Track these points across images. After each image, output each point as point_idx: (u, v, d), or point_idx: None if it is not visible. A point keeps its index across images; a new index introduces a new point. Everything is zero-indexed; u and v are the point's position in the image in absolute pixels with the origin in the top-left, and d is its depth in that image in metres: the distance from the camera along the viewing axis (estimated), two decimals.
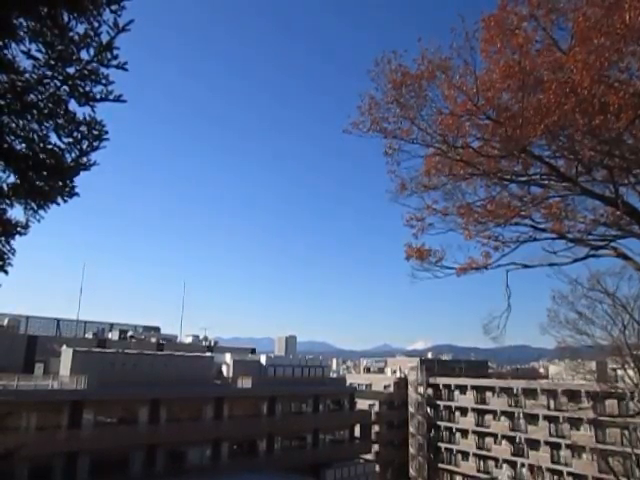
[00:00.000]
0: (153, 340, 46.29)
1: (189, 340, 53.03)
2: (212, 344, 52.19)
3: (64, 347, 34.98)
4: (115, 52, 5.19)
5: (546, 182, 12.34)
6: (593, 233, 13.01)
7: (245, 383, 41.52)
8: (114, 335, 45.69)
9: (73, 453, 31.09)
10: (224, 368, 43.13)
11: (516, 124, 9.93)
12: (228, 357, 43.89)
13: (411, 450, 70.56)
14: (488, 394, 64.57)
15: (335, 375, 69.04)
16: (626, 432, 46.14)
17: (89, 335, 44.38)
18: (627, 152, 11.04)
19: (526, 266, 13.24)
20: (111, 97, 5.42)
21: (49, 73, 5.05)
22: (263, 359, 45.87)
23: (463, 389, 67.59)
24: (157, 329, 54.34)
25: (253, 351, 54.66)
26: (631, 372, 38.30)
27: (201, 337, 54.27)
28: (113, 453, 32.94)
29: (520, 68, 9.96)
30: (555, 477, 55.08)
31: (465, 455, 65.58)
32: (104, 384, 32.82)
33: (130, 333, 47.64)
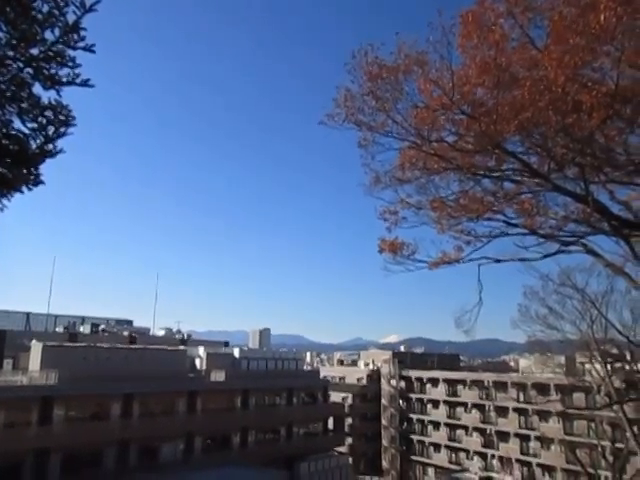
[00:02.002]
0: (125, 334, 45.63)
1: (162, 333, 52.48)
2: (185, 337, 51.71)
3: (34, 342, 34.21)
4: (82, 33, 4.95)
5: (519, 178, 12.41)
6: (564, 229, 13.18)
7: (218, 376, 41.27)
8: (85, 329, 44.90)
9: (44, 450, 30.46)
10: (197, 361, 42.76)
11: (490, 120, 9.95)
12: (201, 350, 43.53)
13: (384, 442, 71.16)
14: (459, 387, 65.52)
15: (309, 368, 69.20)
16: (593, 424, 47.36)
17: (60, 329, 43.53)
18: (598, 151, 11.22)
19: (498, 261, 13.37)
20: (78, 81, 5.19)
21: (11, 54, 4.80)
22: (236, 352, 45.63)
23: (435, 382, 68.36)
24: (130, 322, 53.63)
25: (226, 344, 54.28)
26: (598, 366, 39.39)
27: (174, 330, 53.75)
28: (85, 449, 32.39)
29: (496, 64, 9.98)
30: (524, 468, 56.16)
31: (437, 447, 66.36)
32: (75, 379, 32.20)
33: (102, 327, 46.90)
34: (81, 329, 44.76)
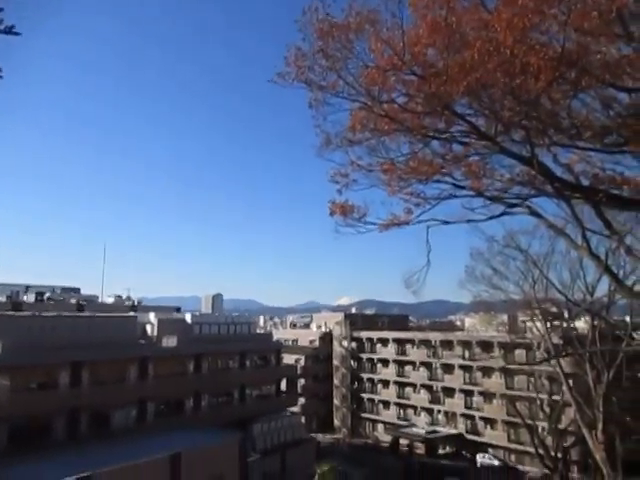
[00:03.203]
0: (73, 301, 44.41)
1: (111, 301, 51.36)
2: (135, 304, 50.82)
3: None
4: None
5: (467, 140, 12.43)
6: (509, 192, 13.39)
7: (170, 342, 40.86)
8: (30, 298, 43.38)
9: None
10: (148, 328, 42.17)
11: (440, 81, 9.87)
12: (152, 316, 42.90)
13: (335, 401, 73.08)
14: (408, 346, 67.65)
15: (262, 332, 69.62)
16: (532, 379, 49.97)
17: (2, 298, 41.90)
18: (544, 114, 11.32)
19: (446, 222, 13.59)
20: (1, 28, 4.75)
21: None
22: (188, 317, 45.28)
23: (385, 342, 70.30)
24: (77, 290, 52.19)
25: (178, 310, 53.80)
26: (539, 324, 41.48)
27: (124, 297, 52.70)
28: (34, 420, 31.64)
29: (446, 24, 9.84)
30: (468, 421, 58.93)
31: (386, 404, 68.70)
32: (20, 349, 31.20)
33: (47, 295, 45.43)
34: (25, 298, 43.22)
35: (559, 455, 42.14)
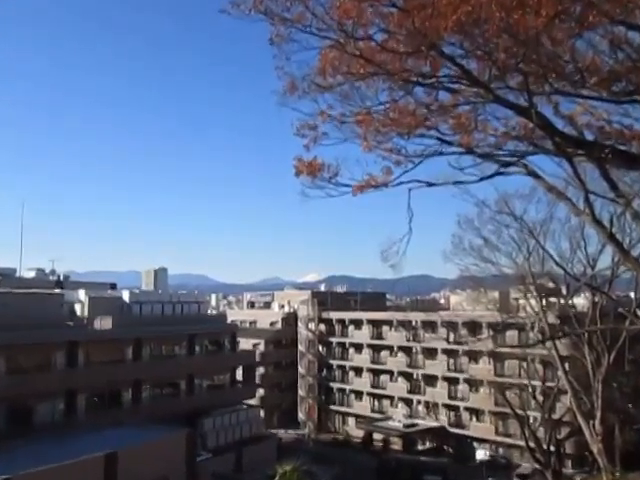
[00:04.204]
0: None
1: (32, 275, 50.51)
2: (61, 279, 50.14)
3: None
4: None
5: (456, 87, 12.42)
6: (503, 148, 13.48)
7: (104, 324, 40.61)
8: None
9: None
10: (77, 307, 41.76)
11: (426, 14, 9.78)
12: (82, 294, 42.46)
13: (300, 392, 74.23)
14: (385, 328, 69.08)
15: (214, 312, 69.85)
16: (524, 364, 51.54)
17: None
18: (544, 57, 11.35)
19: (430, 184, 13.59)
20: None
21: None
22: (126, 295, 45.01)
23: (358, 324, 71.58)
24: None
25: (114, 286, 53.32)
26: (533, 301, 42.47)
27: (48, 271, 51.89)
28: None
29: None
30: (451, 413, 60.81)
31: (359, 395, 70.26)
32: None
33: None
34: None
35: (552, 448, 43.82)
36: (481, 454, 56.82)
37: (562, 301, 44.61)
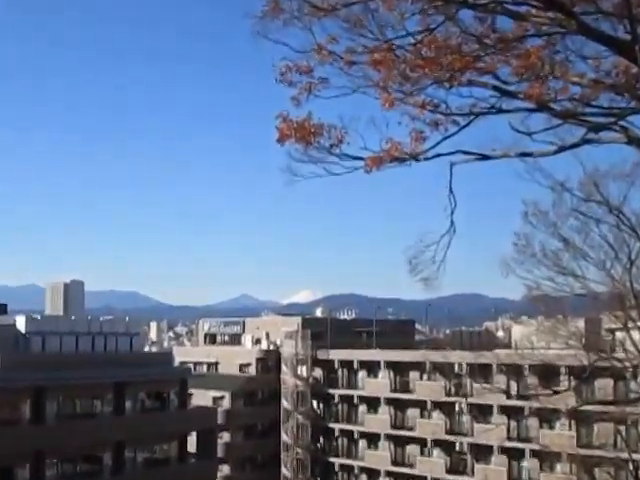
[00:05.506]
0: None
1: None
2: None
3: None
4: None
5: (523, 10, 10.16)
6: (592, 104, 11.02)
7: None
8: None
9: None
10: None
11: None
12: None
13: (285, 471, 61.73)
14: (413, 375, 59.05)
15: (155, 349, 63.19)
16: (622, 429, 43.64)
17: None
18: None
19: (484, 157, 10.86)
20: None
21: None
22: (21, 323, 38.61)
23: (373, 368, 61.97)
24: None
25: (3, 309, 45.82)
26: (637, 335, 34.06)
27: None
28: None
29: None
30: None
31: (373, 474, 59.90)
32: None
33: None
34: None
35: None
36: None
37: None
